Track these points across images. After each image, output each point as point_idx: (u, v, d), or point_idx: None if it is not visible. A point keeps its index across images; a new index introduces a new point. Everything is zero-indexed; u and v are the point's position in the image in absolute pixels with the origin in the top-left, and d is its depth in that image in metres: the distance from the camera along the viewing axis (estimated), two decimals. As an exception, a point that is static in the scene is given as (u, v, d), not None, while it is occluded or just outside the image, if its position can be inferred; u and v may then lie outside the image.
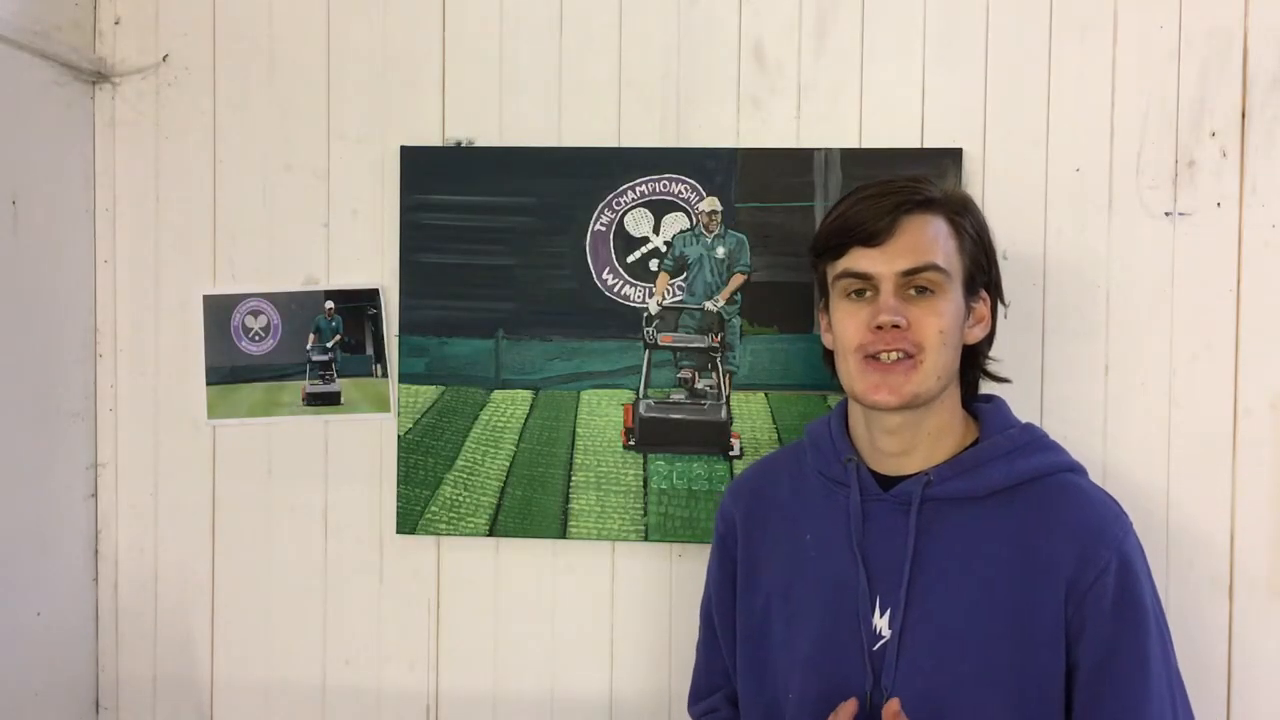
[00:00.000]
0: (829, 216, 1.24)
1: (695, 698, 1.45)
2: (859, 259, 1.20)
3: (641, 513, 1.58)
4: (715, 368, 1.57)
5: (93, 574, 1.70)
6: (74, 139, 1.65)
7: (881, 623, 1.20)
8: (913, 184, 1.22)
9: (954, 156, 1.51)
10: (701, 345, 1.58)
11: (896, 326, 1.17)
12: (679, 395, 1.58)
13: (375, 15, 1.62)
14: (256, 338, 1.65)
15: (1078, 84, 1.51)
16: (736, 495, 1.39)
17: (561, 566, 1.62)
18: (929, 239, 1.19)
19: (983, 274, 1.25)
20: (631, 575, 1.61)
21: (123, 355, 1.69)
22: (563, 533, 1.60)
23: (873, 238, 1.18)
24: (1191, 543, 1.50)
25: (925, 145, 1.53)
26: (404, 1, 1.62)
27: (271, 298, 1.65)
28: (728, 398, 1.57)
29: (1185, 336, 1.50)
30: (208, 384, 1.66)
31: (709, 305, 1.57)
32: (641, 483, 1.59)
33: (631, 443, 1.59)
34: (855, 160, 1.53)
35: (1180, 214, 1.50)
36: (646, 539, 1.58)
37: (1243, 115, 1.49)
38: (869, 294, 1.20)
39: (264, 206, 1.65)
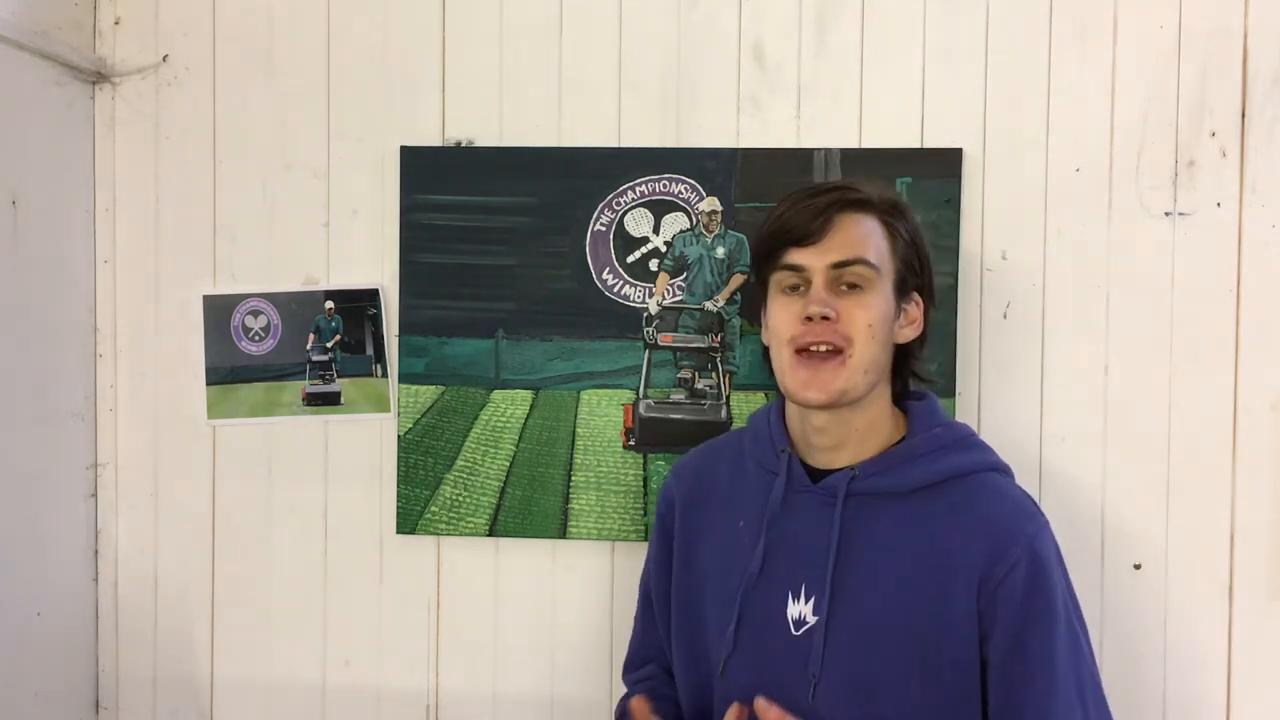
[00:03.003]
0: (766, 222, 1.27)
1: (629, 667, 1.47)
2: (792, 255, 1.23)
3: (641, 513, 1.58)
4: (715, 368, 1.57)
5: (93, 574, 1.70)
6: (74, 139, 1.65)
7: (806, 609, 1.22)
8: (846, 185, 1.26)
9: (954, 156, 1.51)
10: (701, 345, 1.58)
11: (826, 318, 1.19)
12: (679, 395, 1.58)
13: (375, 15, 1.62)
14: (256, 338, 1.65)
15: (1078, 84, 1.51)
16: (679, 477, 1.41)
17: (561, 566, 1.62)
18: (861, 236, 1.22)
19: (915, 276, 1.27)
20: (631, 575, 1.60)
21: (123, 355, 1.69)
22: (563, 533, 1.60)
23: (806, 238, 1.21)
24: (1191, 543, 1.49)
25: (925, 145, 1.53)
26: (404, 1, 1.62)
27: (271, 298, 1.65)
28: (728, 398, 1.57)
29: (1185, 336, 1.50)
30: (208, 384, 1.66)
31: (709, 305, 1.57)
32: (641, 483, 1.59)
33: (631, 443, 1.59)
34: (855, 160, 1.53)
35: (1180, 214, 1.50)
36: (646, 539, 1.58)
37: (1243, 115, 1.49)
38: (802, 289, 1.23)
39: (264, 206, 1.65)
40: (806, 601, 1.23)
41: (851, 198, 1.23)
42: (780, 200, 1.28)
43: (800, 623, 1.23)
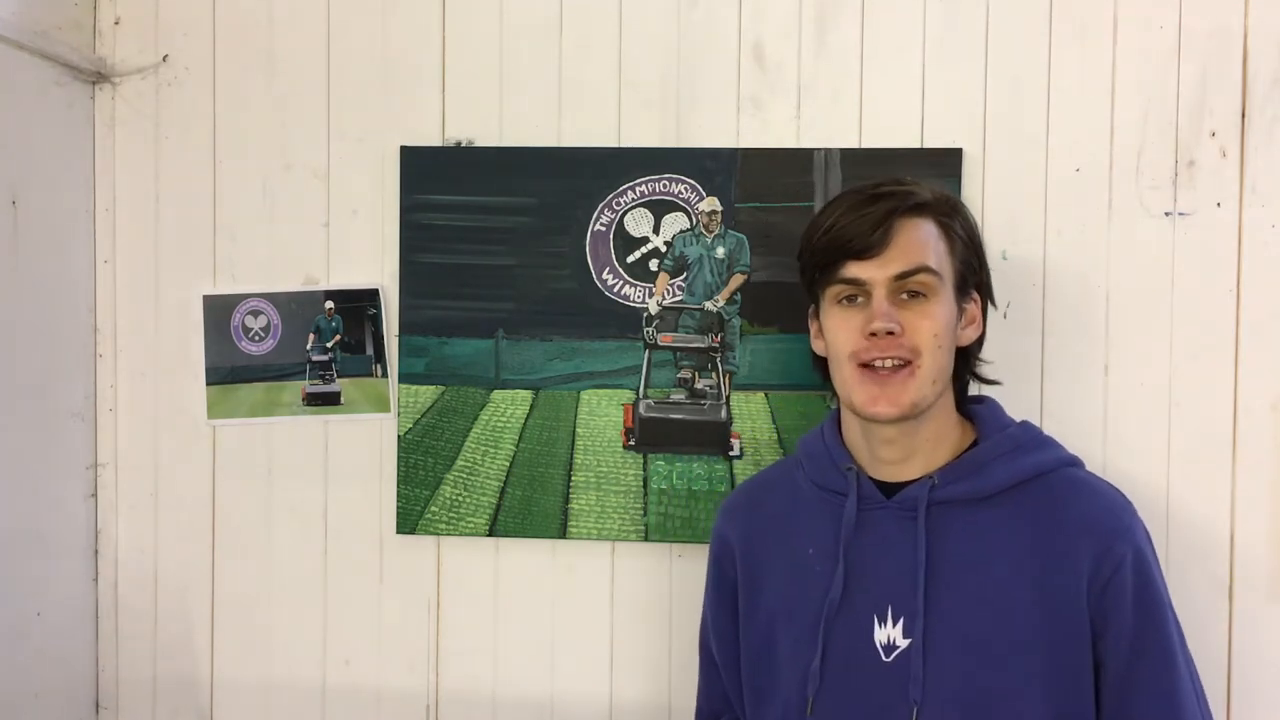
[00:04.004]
0: (818, 228, 1.22)
1: None
2: (851, 268, 1.18)
3: (641, 513, 1.58)
4: (715, 368, 1.57)
5: (93, 574, 1.70)
6: (74, 139, 1.65)
7: (895, 632, 1.18)
8: (901, 188, 1.20)
9: (954, 156, 1.51)
10: (701, 345, 1.58)
11: (890, 333, 1.15)
12: (679, 395, 1.58)
13: (375, 15, 1.62)
14: (256, 338, 1.65)
15: (1078, 84, 1.51)
16: (731, 515, 1.37)
17: (561, 566, 1.62)
18: (920, 242, 1.18)
19: (973, 275, 1.24)
20: (631, 575, 1.61)
21: (123, 355, 1.69)
22: (563, 533, 1.60)
23: (866, 250, 1.17)
24: (1191, 543, 1.49)
25: (925, 145, 1.53)
26: (404, 1, 1.62)
27: (271, 298, 1.65)
28: (728, 398, 1.57)
29: (1185, 336, 1.50)
30: (208, 384, 1.66)
31: (709, 305, 1.57)
32: (641, 483, 1.59)
33: (631, 443, 1.59)
34: (855, 160, 1.53)
35: (1180, 214, 1.50)
36: (646, 539, 1.58)
37: (1243, 115, 1.49)
38: (860, 300, 1.19)
39: (264, 206, 1.65)
40: (895, 624, 1.17)
41: (910, 203, 1.18)
42: (828, 206, 1.24)
43: (890, 647, 1.17)
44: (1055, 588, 1.15)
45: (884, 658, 1.18)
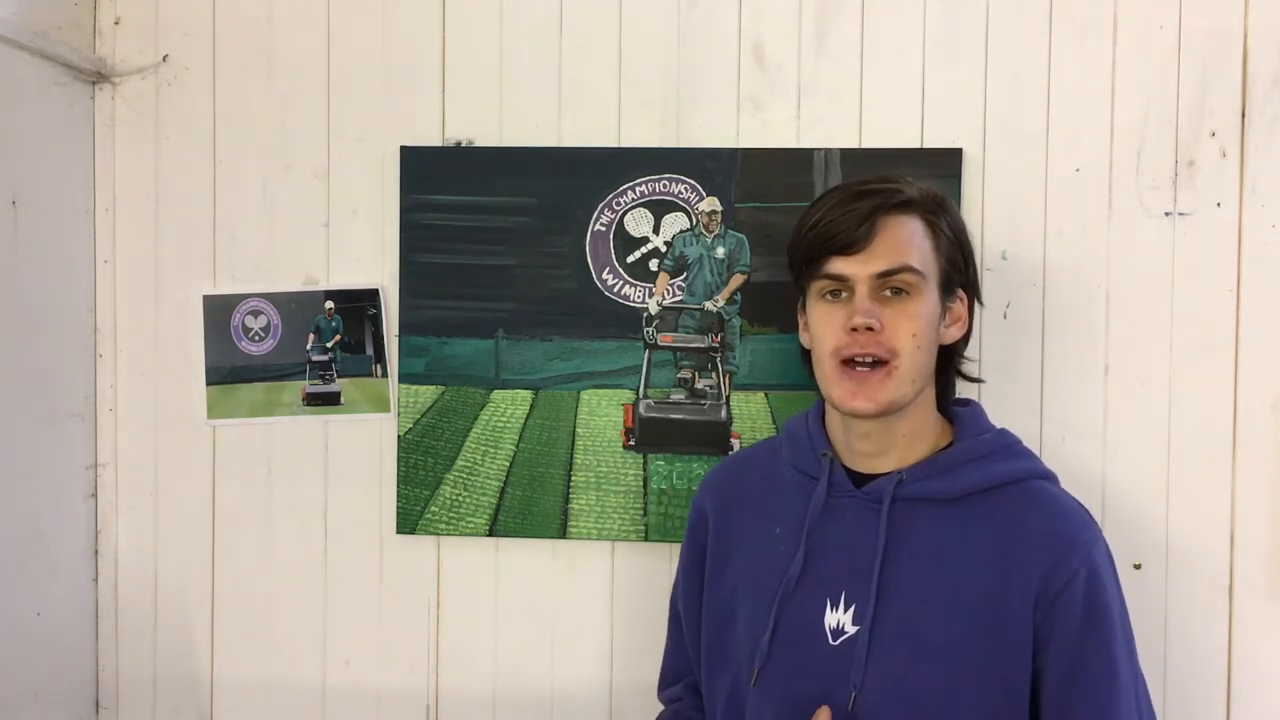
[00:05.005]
0: (805, 224, 1.23)
1: (663, 684, 1.46)
2: (835, 264, 1.20)
3: (641, 513, 1.59)
4: (715, 368, 1.58)
5: (93, 574, 1.70)
6: (74, 139, 1.65)
7: (845, 618, 1.20)
8: (888, 186, 1.21)
9: (954, 156, 1.51)
10: (701, 345, 1.58)
11: (870, 329, 1.17)
12: (679, 395, 1.58)
13: (375, 15, 1.62)
14: (256, 338, 1.65)
15: (1078, 84, 1.51)
16: (709, 487, 1.40)
17: (561, 566, 1.62)
18: (904, 240, 1.19)
19: (959, 274, 1.25)
20: (631, 575, 1.61)
21: (123, 355, 1.69)
22: (563, 533, 1.60)
23: (850, 247, 1.18)
24: (1191, 543, 1.50)
25: (925, 145, 1.53)
26: (404, 1, 1.62)
27: (271, 298, 1.65)
28: (728, 398, 1.57)
29: (1185, 336, 1.50)
30: (208, 384, 1.66)
31: (709, 305, 1.57)
32: (641, 483, 1.59)
33: (631, 443, 1.59)
34: (855, 160, 1.53)
35: (1180, 214, 1.50)
36: (646, 539, 1.58)
37: (1243, 115, 1.49)
38: (844, 295, 1.20)
39: (264, 206, 1.65)
40: (846, 610, 1.19)
41: (895, 200, 1.20)
42: (817, 202, 1.25)
43: (839, 632, 1.19)
44: (1004, 595, 1.16)
45: (831, 641, 1.19)
